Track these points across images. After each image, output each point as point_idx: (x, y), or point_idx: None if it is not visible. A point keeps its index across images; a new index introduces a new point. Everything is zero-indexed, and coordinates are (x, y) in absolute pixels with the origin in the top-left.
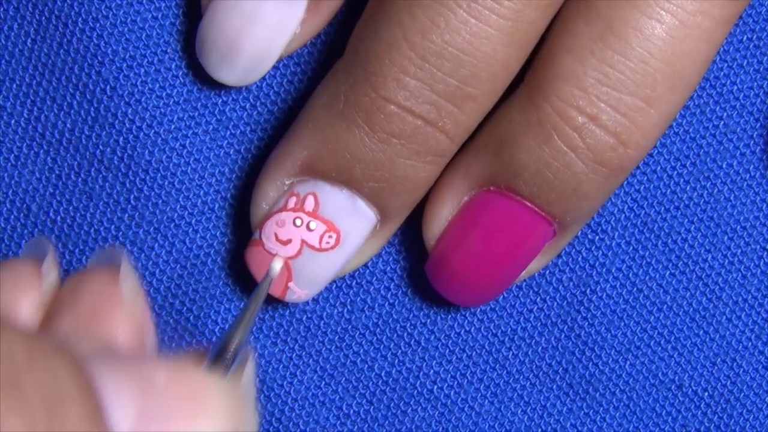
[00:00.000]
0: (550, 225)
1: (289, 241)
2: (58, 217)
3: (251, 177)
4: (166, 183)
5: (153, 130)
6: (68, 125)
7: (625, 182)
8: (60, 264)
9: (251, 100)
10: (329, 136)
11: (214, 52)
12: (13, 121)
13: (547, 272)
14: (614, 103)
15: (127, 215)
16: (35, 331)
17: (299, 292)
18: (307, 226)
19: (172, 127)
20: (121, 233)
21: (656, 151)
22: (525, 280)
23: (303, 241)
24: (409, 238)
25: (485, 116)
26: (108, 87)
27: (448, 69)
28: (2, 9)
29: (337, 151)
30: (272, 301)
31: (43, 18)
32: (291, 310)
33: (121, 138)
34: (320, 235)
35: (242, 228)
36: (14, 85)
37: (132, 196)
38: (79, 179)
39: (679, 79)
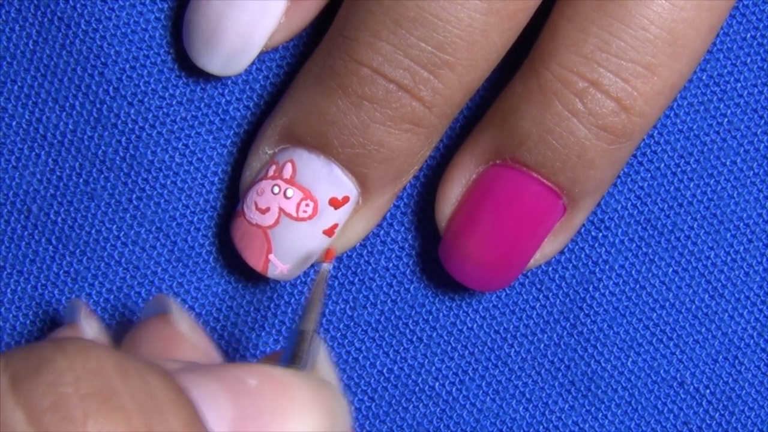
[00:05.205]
0: (558, 197)
1: (268, 209)
2: (59, 218)
3: None
4: (168, 183)
5: (155, 130)
6: (70, 126)
7: (629, 179)
8: (61, 265)
9: (255, 99)
10: (305, 101)
11: (196, 36)
12: (14, 123)
13: (550, 269)
14: (615, 68)
15: (129, 215)
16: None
17: (281, 266)
18: (284, 194)
19: (175, 127)
20: (122, 233)
21: (660, 149)
22: (527, 277)
23: (281, 209)
24: (412, 234)
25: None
26: (111, 88)
27: (421, 34)
28: (4, 11)
29: (313, 115)
30: (274, 299)
31: (45, 19)
32: (294, 307)
33: (124, 138)
34: (297, 203)
35: None
36: (15, 87)
37: (134, 196)
38: (81, 180)
39: (681, 47)
